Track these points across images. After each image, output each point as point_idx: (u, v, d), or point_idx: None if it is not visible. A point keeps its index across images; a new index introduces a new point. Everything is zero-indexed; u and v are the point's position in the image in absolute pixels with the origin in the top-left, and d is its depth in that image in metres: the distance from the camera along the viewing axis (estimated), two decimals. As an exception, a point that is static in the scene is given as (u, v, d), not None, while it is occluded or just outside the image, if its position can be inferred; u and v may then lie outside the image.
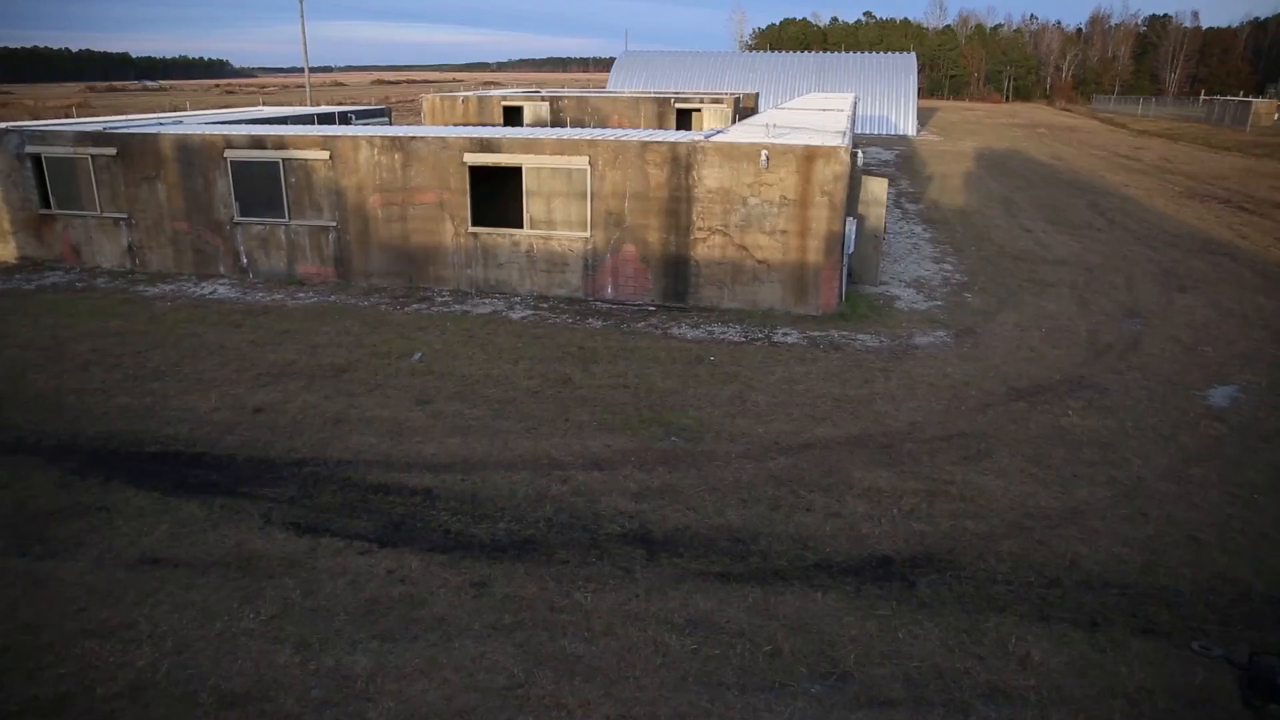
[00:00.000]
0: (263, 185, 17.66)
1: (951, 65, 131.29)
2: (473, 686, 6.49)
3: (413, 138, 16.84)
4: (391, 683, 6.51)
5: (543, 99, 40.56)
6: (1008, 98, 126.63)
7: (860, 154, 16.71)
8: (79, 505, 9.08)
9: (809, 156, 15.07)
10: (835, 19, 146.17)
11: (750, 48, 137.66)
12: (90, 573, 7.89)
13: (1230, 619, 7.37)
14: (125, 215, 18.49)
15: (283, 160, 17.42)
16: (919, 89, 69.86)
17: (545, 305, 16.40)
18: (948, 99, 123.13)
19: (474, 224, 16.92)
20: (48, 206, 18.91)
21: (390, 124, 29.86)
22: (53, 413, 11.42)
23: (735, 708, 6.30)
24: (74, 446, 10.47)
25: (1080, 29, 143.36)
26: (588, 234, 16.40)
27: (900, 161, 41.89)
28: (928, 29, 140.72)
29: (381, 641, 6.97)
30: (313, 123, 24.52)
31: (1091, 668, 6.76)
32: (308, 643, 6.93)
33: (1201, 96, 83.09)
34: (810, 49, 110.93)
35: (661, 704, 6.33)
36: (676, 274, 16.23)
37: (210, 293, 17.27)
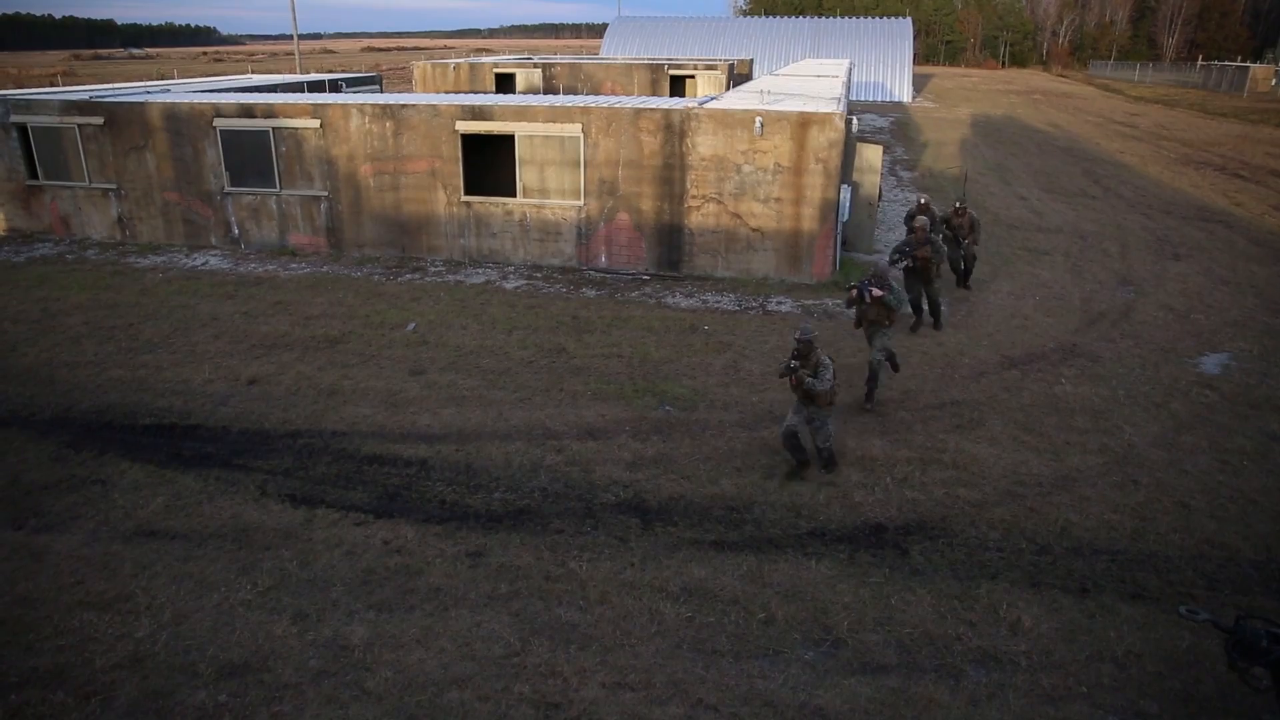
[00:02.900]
0: (253, 155, 17.48)
1: (947, 31, 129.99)
2: (469, 655, 6.55)
3: (404, 105, 16.66)
4: (389, 652, 6.57)
5: (535, 66, 40.12)
6: (1004, 64, 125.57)
7: (855, 121, 16.61)
8: (74, 478, 9.08)
9: (803, 123, 14.96)
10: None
11: (745, 13, 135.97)
12: (87, 545, 7.91)
13: (1218, 583, 7.46)
14: (114, 186, 18.32)
15: (273, 129, 17.23)
16: (914, 55, 69.21)
17: (539, 275, 16.34)
18: (943, 65, 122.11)
19: (467, 193, 16.80)
20: (35, 177, 18.71)
21: (381, 92, 29.54)
22: (45, 386, 11.38)
23: (730, 674, 6.37)
24: (68, 419, 10.45)
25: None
26: (581, 202, 16.30)
27: (895, 128, 41.62)
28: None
29: (378, 611, 7.02)
30: (303, 91, 24.23)
31: (1081, 632, 6.85)
32: (305, 613, 6.97)
33: (1199, 62, 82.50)
34: (805, 14, 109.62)
35: (656, 671, 6.40)
36: (670, 243, 16.17)
37: (202, 264, 17.16)
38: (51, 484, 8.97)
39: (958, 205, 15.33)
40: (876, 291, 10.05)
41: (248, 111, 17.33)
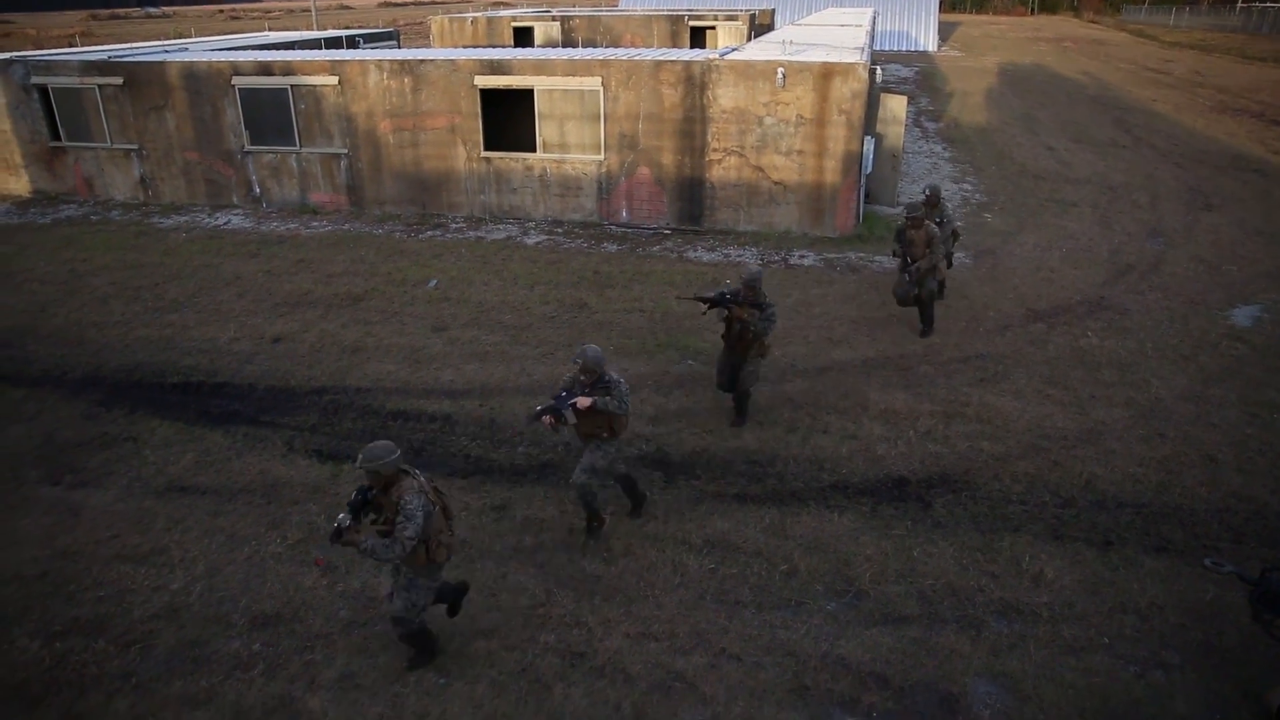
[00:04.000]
0: (272, 113, 17.43)
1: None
2: (495, 606, 6.66)
3: (422, 61, 16.52)
4: (417, 603, 6.68)
5: (553, 19, 39.57)
6: (1033, 10, 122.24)
7: (879, 71, 16.28)
8: (106, 436, 9.25)
9: (826, 74, 14.70)
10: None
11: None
12: (121, 501, 8.08)
13: (1244, 536, 7.43)
14: (136, 146, 18.36)
15: (291, 87, 17.16)
16: (940, 2, 67.54)
17: (559, 230, 16.28)
18: (970, 13, 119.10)
19: (486, 148, 16.70)
20: (58, 139, 18.78)
21: (399, 47, 29.30)
22: (75, 346, 11.55)
23: (752, 625, 6.45)
24: (98, 379, 10.62)
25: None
26: (601, 157, 16.17)
27: (920, 79, 40.79)
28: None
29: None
30: (320, 48, 24.08)
31: (1104, 585, 6.85)
32: (334, 565, 7.10)
33: (1239, 3, 79.83)
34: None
35: (680, 621, 6.48)
36: (691, 196, 16.03)
37: (224, 223, 17.24)
38: (85, 441, 9.15)
39: (908, 215, 10.59)
40: (583, 403, 6.82)
41: (266, 69, 17.25)
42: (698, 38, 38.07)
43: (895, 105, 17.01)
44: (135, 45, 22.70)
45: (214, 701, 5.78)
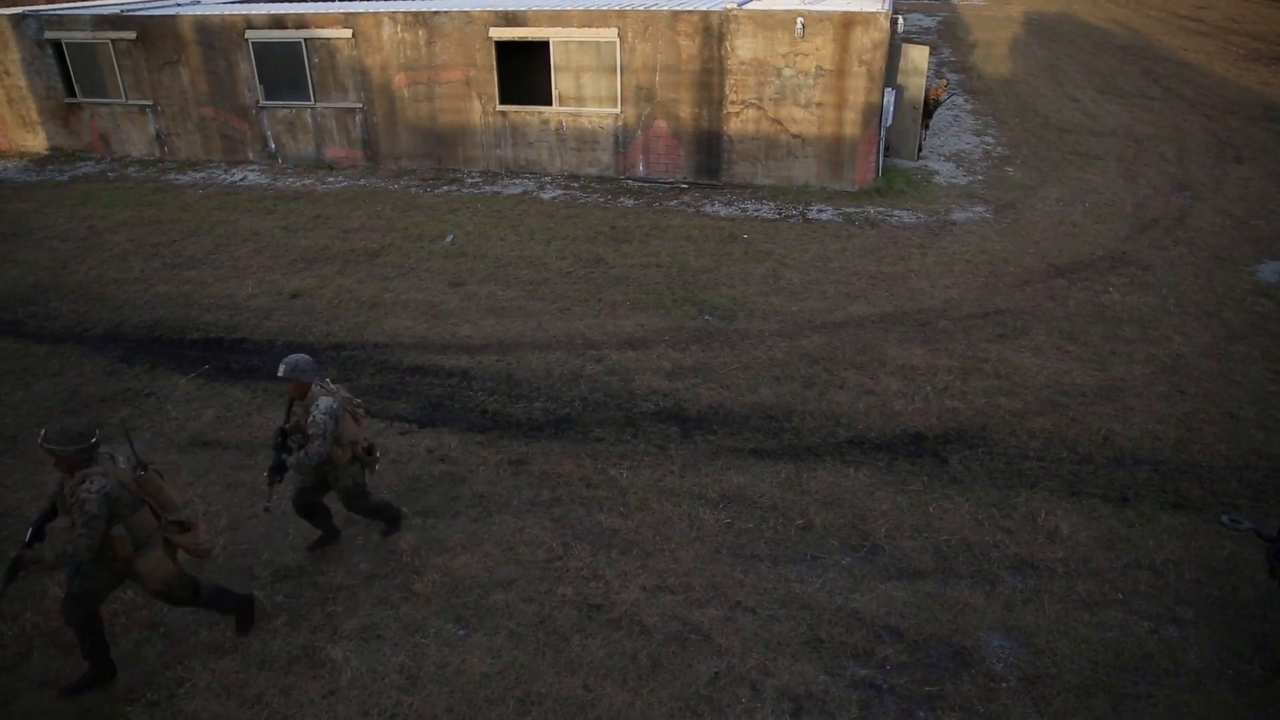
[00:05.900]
0: (286, 67, 17.29)
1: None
2: (513, 559, 6.75)
3: (436, 13, 16.30)
4: (436, 556, 6.79)
5: (568, -32, 38.83)
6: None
7: (900, 20, 15.92)
8: (129, 391, 9.37)
9: (847, 24, 14.40)
10: None
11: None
12: (144, 455, 8.17)
13: (1263, 494, 7.39)
14: (150, 102, 18.30)
15: (305, 40, 17.00)
16: (966, -53, 65.70)
17: (576, 184, 16.17)
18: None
19: (502, 102, 16.54)
20: (73, 95, 18.74)
21: (412, -1, 28.88)
22: (96, 302, 11.65)
23: (768, 578, 6.50)
24: (119, 335, 10.72)
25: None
26: (618, 110, 15.98)
27: (942, 28, 39.87)
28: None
29: (425, 517, 7.23)
30: (332, 0, 23.76)
31: (1119, 541, 6.85)
32: (354, 519, 7.20)
33: (1272, -52, 77.08)
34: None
35: (696, 575, 6.55)
36: (709, 150, 15.85)
37: (240, 179, 17.22)
38: (108, 397, 9.27)
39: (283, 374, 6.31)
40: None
41: (279, 22, 17.08)
42: (716, -13, 37.29)
43: (917, 56, 16.67)
44: (148, -2, 22.47)
45: (239, 651, 5.92)
